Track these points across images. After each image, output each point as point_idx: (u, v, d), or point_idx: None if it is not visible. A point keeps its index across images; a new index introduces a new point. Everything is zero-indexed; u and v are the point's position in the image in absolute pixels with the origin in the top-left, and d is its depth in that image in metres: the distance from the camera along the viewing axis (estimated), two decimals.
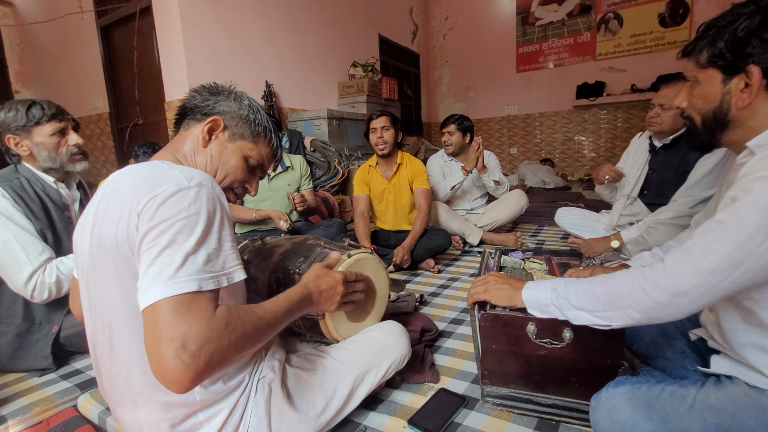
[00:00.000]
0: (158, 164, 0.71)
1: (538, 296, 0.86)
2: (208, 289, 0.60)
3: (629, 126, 5.67)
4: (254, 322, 0.64)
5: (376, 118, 2.26)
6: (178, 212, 0.61)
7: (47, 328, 1.29)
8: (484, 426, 0.95)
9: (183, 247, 0.59)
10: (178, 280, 0.57)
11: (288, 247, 1.16)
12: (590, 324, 0.77)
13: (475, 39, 6.61)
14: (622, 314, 0.72)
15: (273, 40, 3.78)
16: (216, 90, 0.87)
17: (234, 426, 0.76)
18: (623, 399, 0.72)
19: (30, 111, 1.27)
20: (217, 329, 0.57)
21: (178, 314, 0.56)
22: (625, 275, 0.73)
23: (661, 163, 1.92)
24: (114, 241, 0.65)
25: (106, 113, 3.95)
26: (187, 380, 0.54)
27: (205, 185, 0.66)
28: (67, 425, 1.03)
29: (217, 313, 0.59)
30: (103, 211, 0.69)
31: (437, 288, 1.94)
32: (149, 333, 0.56)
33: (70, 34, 3.99)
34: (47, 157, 1.30)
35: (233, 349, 0.59)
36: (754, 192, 0.62)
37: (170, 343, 0.53)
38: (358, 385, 0.92)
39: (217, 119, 0.83)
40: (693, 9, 5.07)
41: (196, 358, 0.54)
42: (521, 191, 2.80)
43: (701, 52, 0.76)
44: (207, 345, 0.55)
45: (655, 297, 0.67)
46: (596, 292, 0.75)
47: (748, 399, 0.67)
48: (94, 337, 0.75)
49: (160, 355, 0.54)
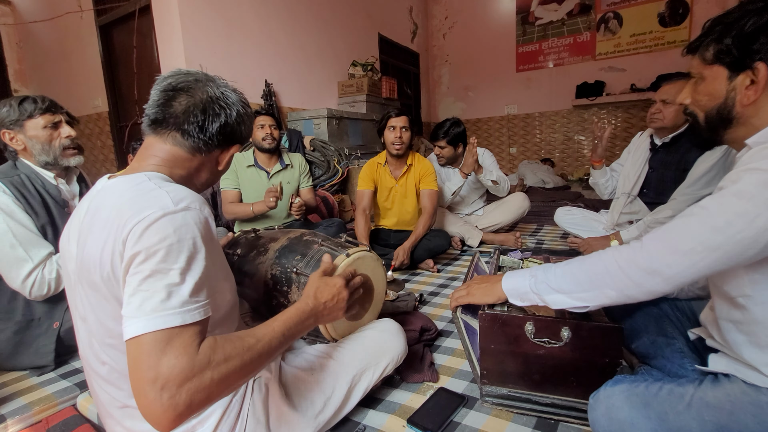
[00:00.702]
0: (143, 182, 0.66)
1: (517, 285, 0.88)
2: (194, 321, 0.58)
3: (629, 126, 5.67)
4: (242, 355, 0.60)
5: (396, 116, 2.20)
6: (162, 239, 0.58)
7: (47, 324, 1.29)
8: (483, 425, 0.95)
9: (167, 277, 0.57)
10: (161, 313, 0.55)
11: (284, 243, 1.15)
12: (567, 307, 0.79)
13: (475, 38, 6.61)
14: (598, 293, 0.74)
15: (273, 39, 3.78)
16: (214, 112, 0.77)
17: (230, 427, 0.75)
18: (621, 397, 0.73)
19: (22, 105, 1.28)
20: (198, 367, 0.55)
21: (160, 352, 0.54)
22: (602, 254, 0.75)
23: (661, 161, 1.92)
24: (98, 266, 0.62)
25: (105, 112, 3.95)
26: (167, 421, 0.53)
27: (192, 209, 0.63)
28: (66, 424, 1.03)
29: (201, 349, 0.57)
30: (87, 228, 0.66)
31: (436, 287, 1.95)
32: (132, 369, 0.55)
33: (70, 33, 3.98)
34: (41, 151, 1.30)
35: (216, 385, 0.56)
36: (741, 182, 0.63)
37: (151, 384, 0.52)
38: (355, 383, 0.93)
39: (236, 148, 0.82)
40: (693, 9, 5.07)
41: (175, 400, 0.52)
42: (524, 194, 2.79)
43: (707, 49, 0.75)
44: (187, 385, 0.53)
45: (630, 274, 0.69)
46: (574, 271, 0.78)
47: (746, 397, 0.67)
48: (81, 344, 0.75)
49: (142, 396, 0.53)
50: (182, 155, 0.75)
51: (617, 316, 1.07)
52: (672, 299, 1.06)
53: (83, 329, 0.71)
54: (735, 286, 0.70)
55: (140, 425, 0.71)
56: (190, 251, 0.60)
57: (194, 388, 0.54)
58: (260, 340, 0.65)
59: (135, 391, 0.54)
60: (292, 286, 1.04)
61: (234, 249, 1.21)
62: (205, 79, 0.76)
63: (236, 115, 0.78)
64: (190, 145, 0.74)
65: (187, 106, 0.73)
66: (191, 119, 0.73)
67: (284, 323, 0.71)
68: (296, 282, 1.04)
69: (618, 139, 5.75)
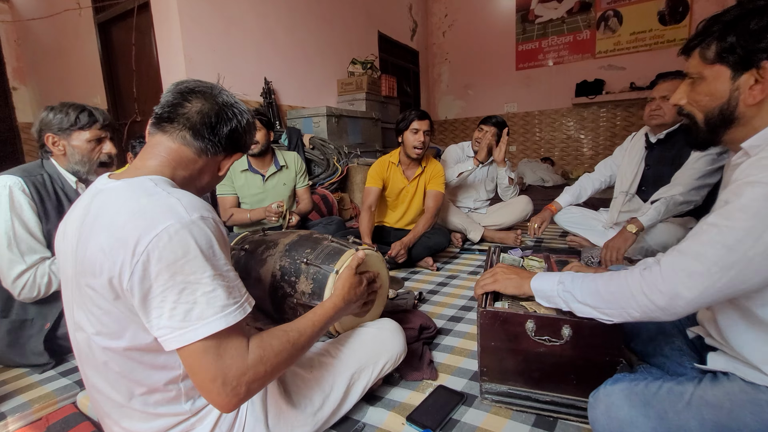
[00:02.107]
0: (152, 188, 0.66)
1: (545, 287, 0.89)
2: (236, 322, 0.63)
3: (628, 124, 5.67)
4: (288, 349, 0.70)
5: (420, 119, 2.14)
6: (185, 252, 0.60)
7: (39, 325, 1.29)
8: (482, 423, 0.95)
9: (200, 287, 0.61)
10: (205, 321, 0.60)
11: (294, 238, 1.17)
12: (593, 317, 0.81)
13: (475, 36, 6.60)
14: (622, 312, 0.75)
15: (272, 37, 3.77)
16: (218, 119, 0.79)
17: (228, 425, 0.75)
18: (621, 396, 0.73)
19: (79, 117, 1.33)
20: (252, 365, 0.64)
21: (217, 355, 0.61)
22: (627, 277, 0.75)
23: (657, 158, 1.93)
24: (103, 271, 0.61)
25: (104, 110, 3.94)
26: (232, 406, 0.63)
27: (206, 218, 0.64)
28: (67, 422, 1.03)
29: (251, 347, 0.65)
30: (89, 229, 0.64)
31: (436, 286, 1.95)
32: (192, 373, 0.63)
33: (68, 31, 3.97)
34: (79, 161, 1.35)
35: (270, 375, 0.67)
36: (744, 197, 0.63)
37: (213, 383, 0.61)
38: (354, 382, 0.93)
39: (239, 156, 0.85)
40: (692, 7, 5.06)
41: (237, 391, 0.62)
42: (528, 198, 2.79)
43: (708, 48, 0.74)
44: (244, 378, 0.62)
45: (654, 299, 0.69)
46: (600, 290, 0.78)
47: (745, 395, 0.68)
48: (76, 345, 0.74)
49: (207, 391, 0.62)
50: (188, 156, 0.75)
51: None
52: None
53: (79, 330, 0.71)
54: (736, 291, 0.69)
55: (137, 425, 0.71)
56: (213, 258, 0.63)
57: (250, 380, 0.63)
58: (303, 333, 0.75)
59: (200, 389, 0.63)
60: (301, 276, 1.04)
61: (241, 246, 1.23)
62: (220, 87, 0.80)
63: (246, 123, 0.82)
64: (199, 146, 0.75)
65: (201, 108, 0.75)
66: (204, 120, 0.75)
67: (323, 316, 0.81)
68: (305, 272, 1.04)
69: (617, 137, 5.75)
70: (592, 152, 6.03)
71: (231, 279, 0.65)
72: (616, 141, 5.74)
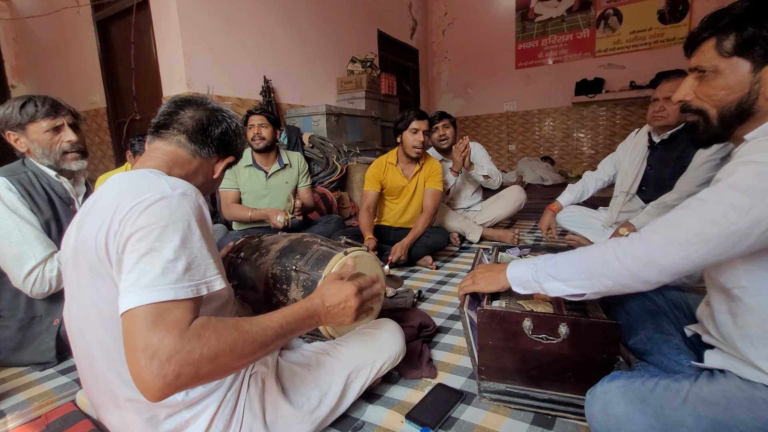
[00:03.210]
0: (146, 173, 0.72)
1: (520, 273, 0.90)
2: (186, 297, 0.60)
3: (628, 123, 5.67)
4: (235, 337, 0.61)
5: (420, 119, 2.15)
6: (158, 219, 0.62)
7: (48, 321, 1.29)
8: (480, 421, 0.95)
9: (162, 254, 0.60)
10: (155, 287, 0.58)
11: (285, 244, 1.17)
12: (564, 294, 0.80)
13: (475, 35, 6.59)
14: (595, 282, 0.75)
15: (271, 35, 3.76)
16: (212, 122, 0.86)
17: (225, 422, 0.75)
18: (618, 393, 0.73)
19: (24, 108, 1.27)
20: (188, 341, 0.56)
21: (153, 324, 0.56)
22: (602, 245, 0.76)
23: (660, 158, 1.92)
24: (93, 245, 0.65)
25: (103, 108, 3.93)
26: (156, 390, 0.54)
27: (188, 195, 0.68)
28: (66, 420, 1.03)
29: (192, 325, 0.58)
30: (85, 215, 0.70)
31: (435, 284, 1.95)
32: (126, 339, 0.57)
33: (67, 29, 3.96)
34: (42, 154, 1.31)
35: (207, 362, 0.57)
36: (736, 174, 0.63)
37: (142, 353, 0.54)
38: (352, 381, 0.93)
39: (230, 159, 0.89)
40: (692, 5, 5.06)
41: (163, 369, 0.54)
42: (519, 187, 2.82)
43: (726, 40, 0.71)
44: (175, 356, 0.55)
45: (627, 264, 0.70)
46: (573, 260, 0.79)
47: (741, 392, 0.68)
48: (73, 339, 0.76)
49: (134, 363, 0.55)
50: (183, 156, 0.82)
51: (614, 312, 1.08)
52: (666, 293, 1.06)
53: (78, 321, 0.72)
54: (731, 278, 0.70)
55: (130, 416, 0.72)
56: (185, 231, 0.63)
57: (182, 361, 0.55)
58: (256, 326, 0.65)
59: (128, 360, 0.56)
60: (291, 284, 1.04)
61: (238, 253, 1.23)
62: (210, 99, 0.89)
63: (235, 127, 0.88)
64: (192, 147, 0.82)
65: (194, 114, 0.83)
66: (197, 124, 0.82)
67: (284, 316, 0.71)
68: (295, 280, 1.04)
69: (617, 136, 5.75)
70: (591, 151, 6.03)
71: (200, 257, 0.64)
72: (615, 140, 5.74)
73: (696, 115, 0.78)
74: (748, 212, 0.61)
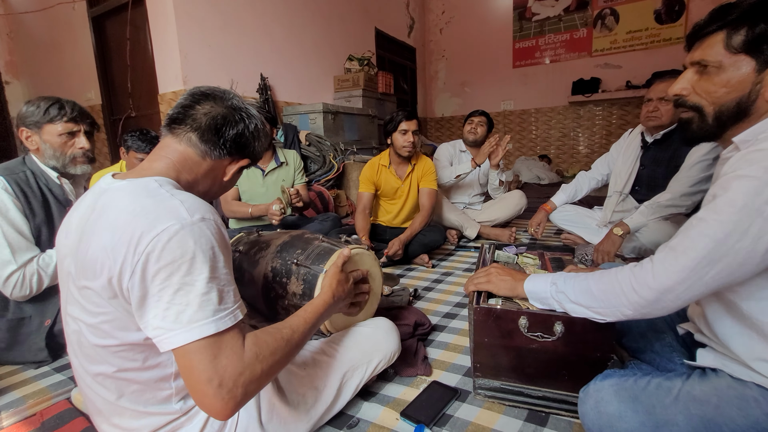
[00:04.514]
0: (156, 189, 0.67)
1: (538, 288, 0.90)
2: (227, 327, 0.62)
3: (624, 123, 5.70)
4: (283, 347, 0.69)
5: (407, 119, 2.15)
6: (184, 252, 0.60)
7: (38, 322, 1.28)
8: (475, 418, 0.96)
9: (195, 288, 0.60)
10: (199, 323, 0.60)
11: (285, 239, 1.17)
12: (587, 317, 0.81)
13: (472, 33, 6.59)
14: (615, 311, 0.75)
15: (268, 33, 3.74)
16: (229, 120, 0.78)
17: (220, 423, 0.75)
18: (611, 391, 0.74)
19: (49, 109, 1.29)
20: (249, 364, 0.62)
21: (212, 356, 0.60)
22: (618, 274, 0.75)
23: (652, 159, 1.93)
24: (103, 268, 0.62)
25: (98, 105, 3.90)
26: (228, 411, 0.60)
27: (207, 219, 0.64)
28: (61, 417, 1.03)
29: (246, 346, 0.64)
30: (92, 228, 0.65)
31: (431, 282, 1.96)
32: (186, 375, 0.61)
33: (61, 24, 3.92)
34: (52, 156, 1.31)
35: (266, 375, 0.65)
36: (731, 191, 0.63)
37: (208, 384, 0.59)
38: (347, 380, 0.93)
39: (245, 162, 0.82)
40: (689, 6, 5.07)
41: (233, 393, 0.60)
42: (521, 192, 2.84)
43: (735, 35, 0.68)
44: (241, 379, 0.61)
45: (644, 295, 0.70)
46: (592, 289, 0.79)
47: (732, 391, 0.69)
48: (71, 343, 0.74)
49: (202, 394, 0.59)
50: (193, 158, 0.76)
51: None
52: None
53: (73, 328, 0.71)
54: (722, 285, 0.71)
55: (127, 422, 0.71)
56: (212, 261, 0.63)
57: (247, 381, 0.61)
58: (296, 330, 0.73)
59: (193, 392, 0.60)
60: (292, 277, 1.04)
61: (235, 247, 1.23)
62: (233, 93, 0.81)
63: (254, 128, 0.81)
64: (203, 148, 0.76)
65: (210, 110, 0.76)
66: (211, 122, 0.75)
67: (313, 313, 0.79)
68: (296, 273, 1.04)
69: (613, 136, 5.77)
70: (587, 150, 6.05)
71: (226, 283, 0.65)
72: (611, 139, 5.76)
73: (691, 111, 0.76)
74: (748, 230, 0.61)
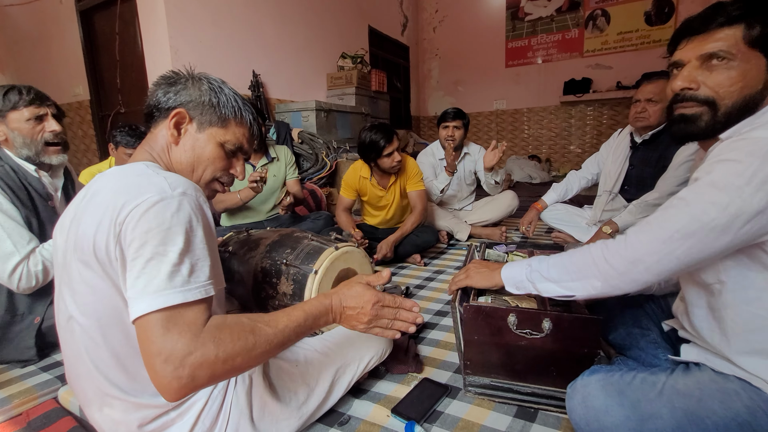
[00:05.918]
0: (142, 168, 0.69)
1: (514, 273, 0.91)
2: (195, 299, 0.60)
3: (614, 123, 5.76)
4: (252, 340, 0.61)
5: (389, 143, 2.02)
6: (160, 222, 0.60)
7: (29, 319, 1.26)
8: (465, 414, 0.97)
9: (167, 258, 0.59)
10: (163, 292, 0.58)
11: (275, 238, 1.17)
12: (556, 295, 0.82)
13: (465, 33, 6.60)
14: (585, 284, 0.77)
15: (260, 29, 3.72)
16: (173, 79, 0.80)
17: (212, 418, 0.75)
18: (597, 386, 0.75)
19: (7, 96, 1.24)
20: (201, 343, 0.57)
21: (165, 329, 0.57)
22: (591, 247, 0.78)
23: (641, 158, 1.96)
24: (91, 245, 0.63)
25: (86, 101, 3.84)
26: (173, 391, 0.56)
27: (188, 194, 0.65)
28: (48, 417, 1.02)
29: (207, 326, 0.59)
30: (82, 211, 0.67)
31: (423, 280, 1.97)
32: (141, 346, 0.58)
33: (48, 18, 3.85)
34: (22, 144, 1.27)
35: (222, 363, 0.58)
36: (714, 173, 0.65)
37: (157, 357, 0.55)
38: (339, 377, 0.94)
39: (180, 112, 0.77)
40: (678, 8, 5.15)
41: (178, 373, 0.55)
42: (513, 193, 2.84)
43: (753, 28, 0.65)
44: (189, 359, 0.56)
45: (614, 264, 0.72)
46: (565, 262, 0.81)
47: (714, 384, 0.71)
48: (62, 334, 0.74)
49: (150, 368, 0.56)
50: (168, 139, 0.79)
51: (595, 308, 1.10)
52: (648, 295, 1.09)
53: (65, 312, 0.71)
54: (710, 273, 0.73)
55: (118, 414, 0.71)
56: (187, 234, 0.62)
57: (197, 364, 0.56)
58: (273, 326, 0.65)
59: (146, 365, 0.57)
60: (281, 278, 1.04)
61: (225, 247, 1.22)
62: (200, 75, 0.82)
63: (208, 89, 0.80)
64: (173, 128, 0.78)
65: (165, 90, 0.79)
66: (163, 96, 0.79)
67: (303, 313, 0.70)
68: (285, 273, 1.04)
69: (603, 136, 5.84)
70: (579, 150, 6.11)
71: (202, 258, 0.63)
72: (602, 139, 5.82)
73: (702, 105, 0.72)
74: (726, 208, 0.63)
